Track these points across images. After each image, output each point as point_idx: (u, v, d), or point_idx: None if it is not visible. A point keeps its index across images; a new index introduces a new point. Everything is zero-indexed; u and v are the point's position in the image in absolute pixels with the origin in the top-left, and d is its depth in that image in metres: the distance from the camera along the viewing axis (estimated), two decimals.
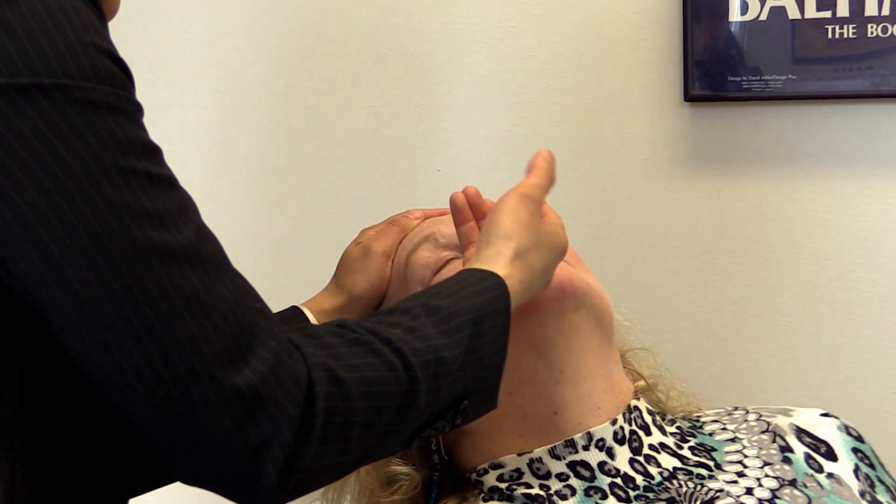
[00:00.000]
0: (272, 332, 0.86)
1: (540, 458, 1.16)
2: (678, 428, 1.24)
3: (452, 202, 1.15)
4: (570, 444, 1.16)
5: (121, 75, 0.84)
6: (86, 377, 0.84)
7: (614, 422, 1.17)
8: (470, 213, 1.15)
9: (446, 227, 1.24)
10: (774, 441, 1.22)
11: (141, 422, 0.83)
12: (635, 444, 1.18)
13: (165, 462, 0.85)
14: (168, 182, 0.85)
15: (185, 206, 0.86)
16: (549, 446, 1.16)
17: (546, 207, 1.11)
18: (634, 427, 1.19)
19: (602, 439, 1.17)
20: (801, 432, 1.24)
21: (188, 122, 1.90)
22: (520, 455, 1.17)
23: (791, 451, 1.21)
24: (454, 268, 1.19)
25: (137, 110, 0.85)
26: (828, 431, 1.25)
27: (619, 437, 1.17)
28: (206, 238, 0.86)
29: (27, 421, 0.86)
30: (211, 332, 0.82)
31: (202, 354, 0.81)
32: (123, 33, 1.02)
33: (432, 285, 1.03)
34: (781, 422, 1.25)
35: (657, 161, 1.76)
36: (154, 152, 0.85)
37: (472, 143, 1.82)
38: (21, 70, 0.80)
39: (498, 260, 1.03)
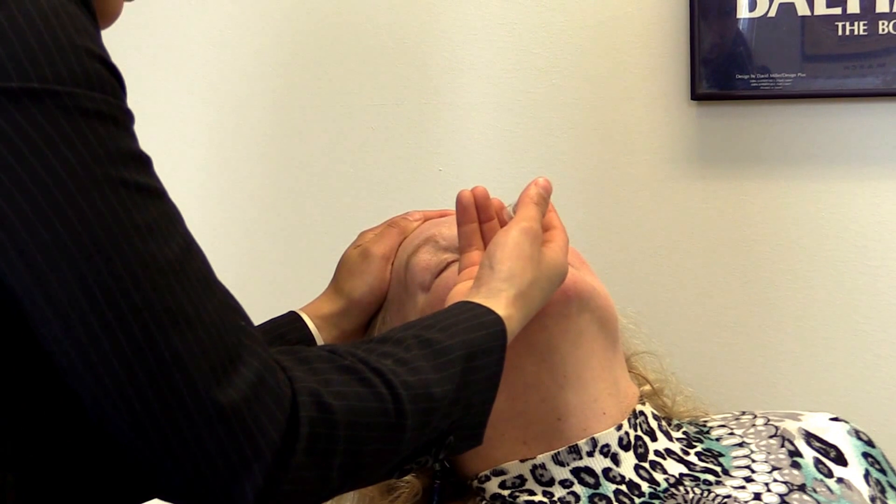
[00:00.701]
0: (256, 351, 0.86)
1: (543, 464, 1.16)
2: (684, 433, 1.24)
3: (459, 200, 1.15)
4: (575, 450, 1.16)
5: (112, 82, 0.84)
6: (71, 389, 0.84)
7: (619, 427, 1.17)
8: (475, 213, 1.15)
9: (447, 229, 1.24)
10: (783, 446, 1.22)
11: (122, 435, 0.83)
12: (641, 450, 1.18)
13: (146, 476, 0.85)
14: (156, 193, 0.85)
15: (172, 219, 0.85)
16: (552, 452, 1.16)
17: (553, 233, 1.13)
18: (640, 432, 1.19)
19: (607, 445, 1.17)
20: (810, 437, 1.24)
21: (186, 122, 1.91)
22: (522, 461, 1.17)
23: (800, 455, 1.21)
24: (455, 271, 1.19)
25: (128, 118, 0.85)
26: (837, 436, 1.25)
27: (625, 442, 1.17)
28: (192, 252, 0.86)
29: (19, 432, 0.86)
30: (195, 347, 0.82)
31: (185, 370, 0.82)
32: (123, 34, 1.02)
33: (427, 316, 1.03)
34: (790, 426, 1.25)
35: (663, 161, 1.76)
36: (143, 162, 0.85)
37: (474, 143, 1.82)
38: (11, 74, 0.80)
39: (499, 298, 1.04)
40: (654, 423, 1.21)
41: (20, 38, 0.81)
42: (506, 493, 1.17)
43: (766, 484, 1.18)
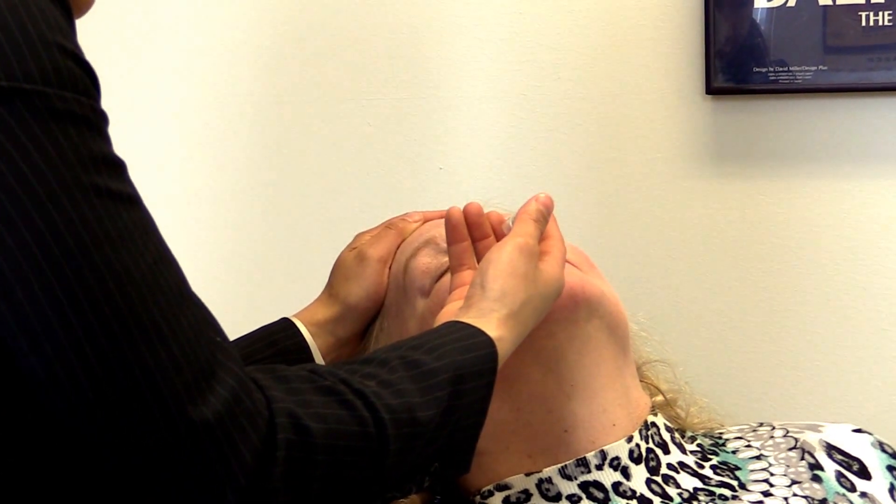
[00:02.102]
0: (231, 369, 0.85)
1: (549, 478, 1.16)
2: (699, 445, 1.24)
3: (448, 219, 1.15)
4: (583, 463, 1.16)
5: (85, 80, 0.84)
6: (38, 403, 0.84)
7: (630, 439, 1.17)
8: (466, 232, 1.15)
9: None
10: (803, 458, 1.22)
11: (93, 452, 0.83)
12: (653, 464, 1.18)
13: (118, 492, 0.85)
14: (130, 200, 0.84)
15: (146, 228, 0.85)
16: (559, 465, 1.16)
17: (549, 244, 1.12)
18: (652, 445, 1.19)
19: (617, 458, 1.17)
20: (831, 449, 1.24)
21: (176, 120, 1.91)
22: (528, 475, 1.17)
23: (821, 468, 1.22)
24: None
25: (102, 119, 0.85)
26: (861, 448, 1.25)
27: (636, 455, 1.17)
28: (166, 262, 0.85)
29: None
30: (167, 363, 0.82)
31: (155, 387, 0.81)
32: (114, 27, 1.02)
33: (414, 336, 1.03)
34: (810, 438, 1.25)
35: (676, 159, 1.77)
36: (117, 167, 0.84)
37: (476, 140, 1.82)
38: None
39: (490, 318, 1.03)
40: (666, 435, 1.21)
41: None
42: None
43: (786, 498, 1.18)
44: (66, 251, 0.80)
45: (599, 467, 1.16)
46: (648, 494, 1.17)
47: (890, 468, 1.24)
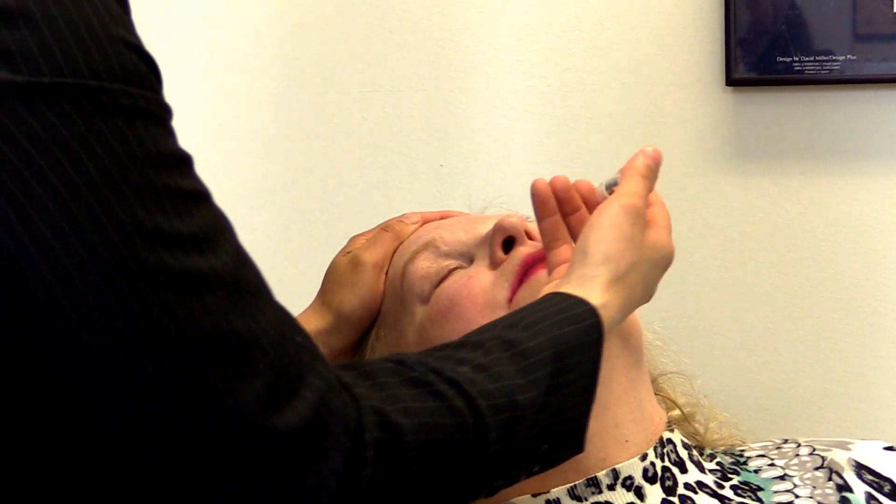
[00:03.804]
0: (319, 370, 0.86)
1: (558, 498, 1.16)
2: (718, 464, 1.24)
3: (535, 192, 1.14)
4: (593, 483, 1.16)
5: (149, 75, 0.85)
6: (93, 426, 0.84)
7: (644, 457, 1.17)
8: (555, 205, 1.14)
9: (448, 233, 1.25)
10: (830, 479, 1.22)
11: (166, 471, 0.84)
12: (668, 483, 1.18)
13: None
14: (201, 198, 0.85)
15: (220, 226, 0.86)
16: (568, 486, 1.16)
17: (652, 211, 1.11)
18: (668, 463, 1.19)
19: (630, 477, 1.17)
20: (861, 468, 1.24)
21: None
22: (535, 496, 1.17)
23: (850, 490, 1.21)
24: (457, 279, 1.19)
25: (167, 113, 0.86)
26: (893, 467, 1.25)
27: (650, 474, 1.17)
28: (244, 262, 0.86)
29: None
30: (248, 369, 0.83)
31: (237, 394, 0.82)
32: None
33: (510, 313, 1.02)
34: (838, 457, 1.25)
35: (693, 157, 1.77)
36: (185, 162, 0.85)
37: (481, 134, 1.82)
38: (42, 68, 0.80)
39: (593, 284, 1.03)
40: (683, 453, 1.21)
41: (52, 27, 0.81)
42: None
43: None
44: (136, 257, 0.80)
45: (611, 487, 1.16)
46: None
47: None
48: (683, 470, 1.20)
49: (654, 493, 1.17)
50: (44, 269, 0.80)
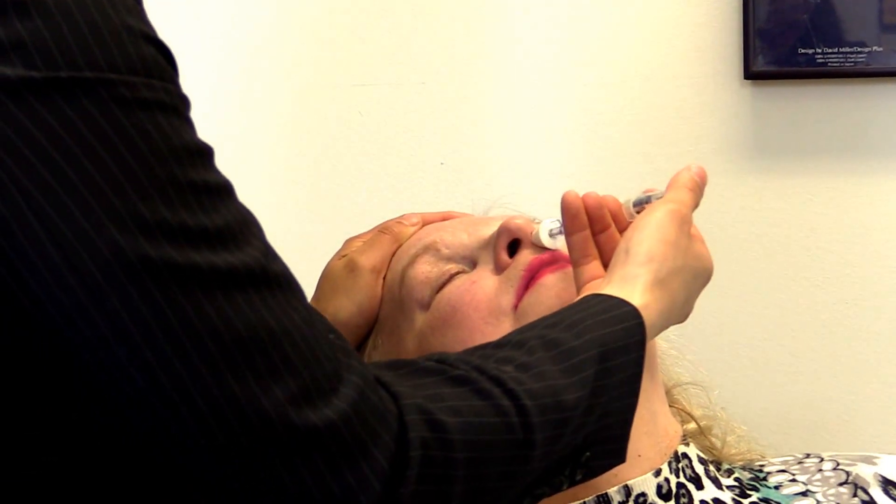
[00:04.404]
0: (353, 366, 0.87)
1: None
2: (737, 480, 1.24)
3: (565, 206, 1.14)
4: (604, 500, 1.16)
5: (167, 66, 0.85)
6: (117, 430, 0.84)
7: (658, 472, 1.17)
8: (586, 220, 1.14)
9: (449, 235, 1.24)
10: (856, 495, 1.22)
11: (198, 475, 0.84)
12: (684, 501, 1.18)
13: None
14: (226, 192, 0.86)
15: (246, 220, 0.87)
16: (577, 503, 1.15)
17: (694, 227, 1.13)
18: (683, 479, 1.18)
19: (643, 494, 1.16)
20: (888, 484, 1.24)
21: None
22: None
23: None
24: (459, 284, 1.19)
25: (186, 105, 0.86)
26: None
27: (664, 491, 1.17)
28: (272, 256, 0.86)
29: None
30: (282, 366, 0.83)
31: (271, 393, 0.82)
32: None
33: (551, 314, 1.02)
34: (864, 471, 1.25)
35: (711, 153, 1.78)
36: (208, 155, 0.86)
37: (483, 130, 1.83)
38: (59, 62, 0.80)
39: (635, 285, 1.04)
40: (699, 468, 1.21)
41: (68, 20, 0.81)
42: None
43: None
44: (163, 256, 0.81)
45: None
46: None
47: None
48: (699, 486, 1.20)
49: None
50: (64, 269, 0.80)
